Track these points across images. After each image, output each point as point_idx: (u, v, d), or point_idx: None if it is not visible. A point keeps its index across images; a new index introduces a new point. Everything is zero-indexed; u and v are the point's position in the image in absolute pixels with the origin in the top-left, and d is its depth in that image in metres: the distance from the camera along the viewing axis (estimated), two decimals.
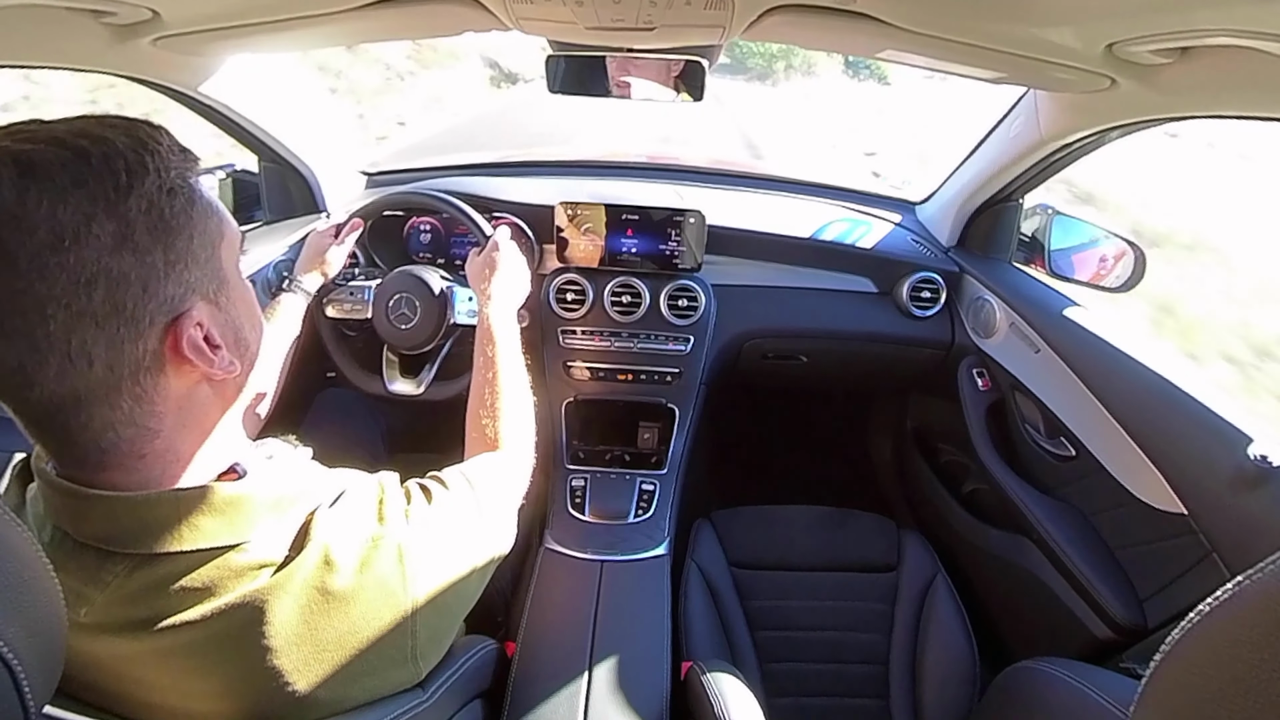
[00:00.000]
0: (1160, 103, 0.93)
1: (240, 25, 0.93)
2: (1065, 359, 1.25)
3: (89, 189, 0.46)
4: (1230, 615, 0.39)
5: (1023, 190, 1.45)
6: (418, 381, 1.33)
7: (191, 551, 0.52)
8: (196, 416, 0.56)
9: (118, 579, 0.52)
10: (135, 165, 0.48)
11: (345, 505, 0.61)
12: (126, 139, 0.49)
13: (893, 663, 1.26)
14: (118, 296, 0.47)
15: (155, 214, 0.49)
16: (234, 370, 0.56)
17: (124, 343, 0.49)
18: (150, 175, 0.49)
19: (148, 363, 0.50)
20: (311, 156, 1.54)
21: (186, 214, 0.51)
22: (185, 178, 0.52)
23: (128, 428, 0.51)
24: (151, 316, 0.50)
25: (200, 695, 0.53)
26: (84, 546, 0.52)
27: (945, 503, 1.66)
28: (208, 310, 0.54)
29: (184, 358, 0.52)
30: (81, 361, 0.47)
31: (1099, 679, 0.76)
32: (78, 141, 0.47)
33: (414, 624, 0.61)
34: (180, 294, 0.51)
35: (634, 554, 1.22)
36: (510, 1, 0.81)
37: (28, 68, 0.92)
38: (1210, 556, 0.99)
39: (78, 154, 0.46)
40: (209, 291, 0.54)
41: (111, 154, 0.47)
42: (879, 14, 0.77)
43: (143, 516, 0.52)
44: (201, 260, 0.53)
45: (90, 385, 0.48)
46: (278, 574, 0.54)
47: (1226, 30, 0.65)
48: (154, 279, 0.49)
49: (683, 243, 1.48)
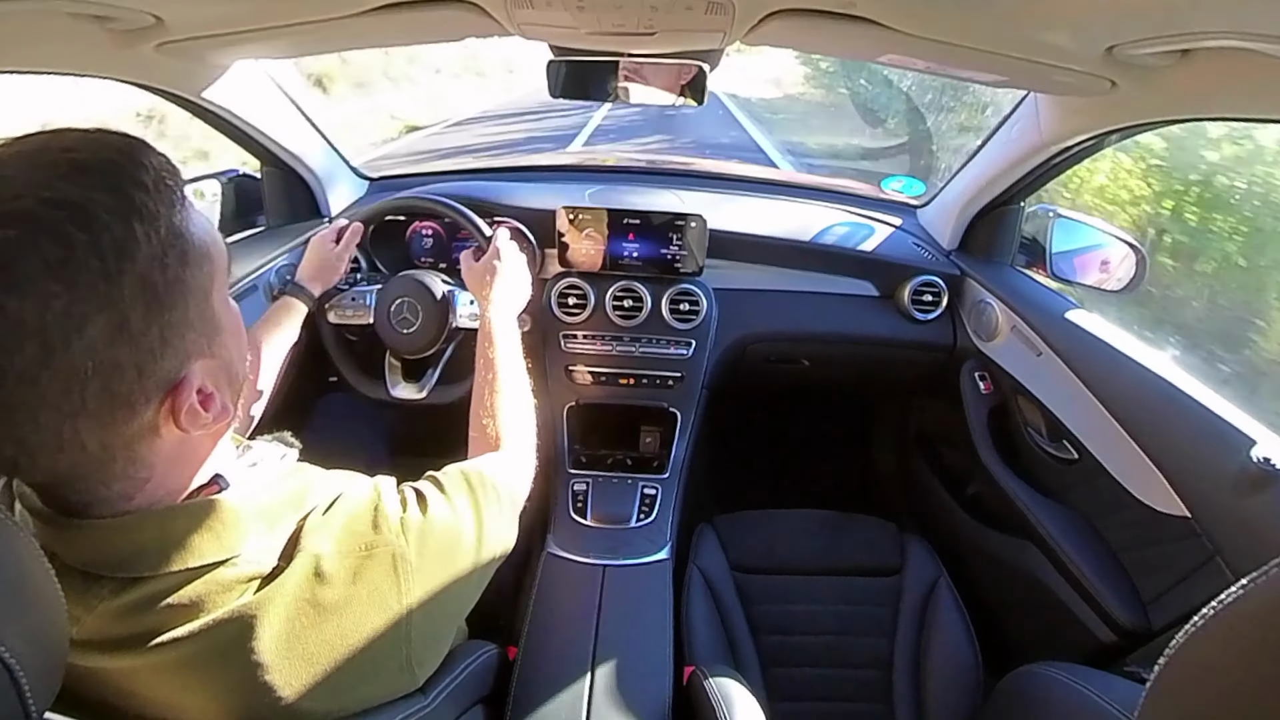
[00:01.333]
0: (1161, 105, 0.94)
1: (242, 31, 0.94)
2: (1067, 362, 1.25)
3: (77, 286, 0.42)
4: (1235, 618, 0.39)
5: (1024, 193, 1.45)
6: (420, 386, 1.33)
7: (179, 571, 0.52)
8: (187, 455, 0.55)
9: (104, 601, 0.51)
10: (124, 240, 0.44)
11: (339, 512, 0.60)
12: (109, 198, 0.44)
13: (896, 667, 1.26)
14: (113, 387, 0.45)
15: (150, 292, 0.46)
16: (227, 415, 0.55)
17: (119, 424, 0.47)
18: (141, 247, 0.45)
19: (142, 433, 0.49)
20: (314, 160, 1.54)
21: (180, 280, 0.48)
22: (174, 226, 0.48)
23: (120, 482, 0.51)
24: (148, 395, 0.48)
25: (192, 709, 0.53)
26: (70, 569, 0.51)
27: (948, 506, 1.65)
28: (203, 365, 0.52)
29: (180, 423, 0.50)
30: (73, 448, 0.46)
31: (1103, 683, 0.75)
32: (56, 218, 0.42)
33: (409, 632, 0.60)
34: (176, 365, 0.49)
35: (636, 558, 1.22)
36: (512, 7, 0.81)
37: (31, 73, 0.93)
38: (1214, 559, 0.99)
39: (58, 238, 0.41)
40: (204, 348, 0.52)
41: (97, 232, 0.43)
42: (880, 18, 0.77)
43: (128, 541, 0.51)
44: (195, 321, 0.50)
45: (84, 463, 0.48)
46: (266, 586, 0.53)
47: (1227, 32, 0.65)
48: (149, 361, 0.47)
49: (684, 247, 1.48)
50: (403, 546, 0.60)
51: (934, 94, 7.99)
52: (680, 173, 1.95)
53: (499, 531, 0.75)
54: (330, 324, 1.33)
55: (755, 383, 1.74)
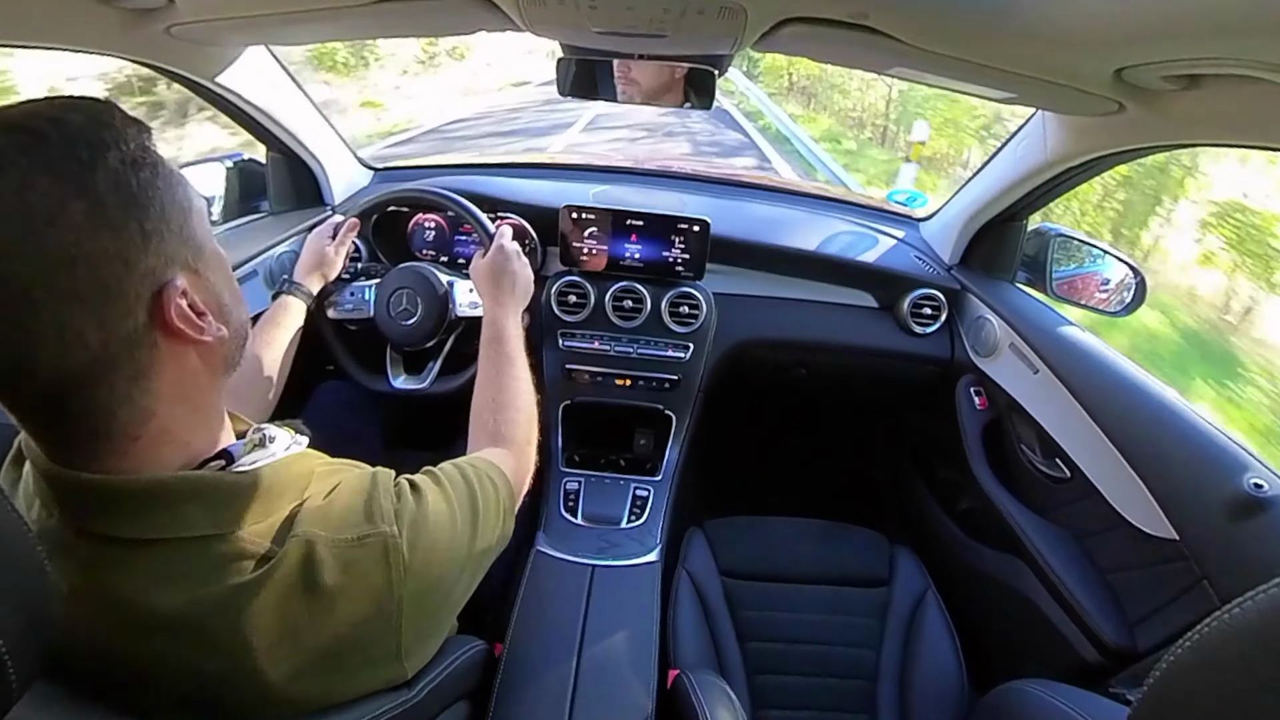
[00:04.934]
0: (1168, 129, 0.94)
1: (253, 16, 0.93)
2: (1063, 381, 1.25)
3: (53, 171, 0.46)
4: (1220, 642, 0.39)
5: (1027, 210, 1.45)
6: (422, 377, 1.33)
7: (173, 539, 0.53)
8: (189, 391, 0.56)
9: (99, 561, 0.52)
10: (95, 142, 0.48)
11: (335, 500, 0.61)
12: (80, 117, 0.49)
13: (881, 678, 1.26)
14: (100, 275, 0.47)
15: (124, 187, 0.49)
16: (222, 335, 0.57)
17: (114, 320, 0.49)
18: (111, 149, 0.49)
19: (139, 337, 0.51)
20: (320, 149, 1.54)
21: (153, 184, 0.51)
22: (145, 148, 0.52)
23: (124, 407, 0.51)
24: (136, 291, 0.50)
25: (182, 685, 0.53)
26: (68, 528, 0.52)
27: (939, 519, 1.66)
28: (189, 279, 0.54)
29: (173, 328, 0.52)
30: (75, 343, 0.47)
31: (1086, 702, 0.76)
32: (34, 124, 0.47)
33: (399, 623, 0.60)
34: (160, 265, 0.51)
35: (625, 559, 1.22)
36: (524, 3, 0.81)
37: (42, 49, 0.92)
38: (1201, 583, 0.99)
39: (36, 137, 0.46)
40: (187, 260, 0.54)
41: (70, 133, 0.47)
42: (892, 31, 0.77)
43: (127, 502, 0.52)
44: (176, 229, 0.53)
45: (87, 366, 0.48)
46: (259, 568, 0.54)
47: (1236, 60, 0.65)
48: (133, 252, 0.49)
49: (686, 250, 1.48)
50: (395, 537, 0.60)
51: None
52: (685, 176, 1.95)
53: (494, 528, 0.75)
54: (330, 319, 1.33)
55: (751, 388, 1.74)
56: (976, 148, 8.20)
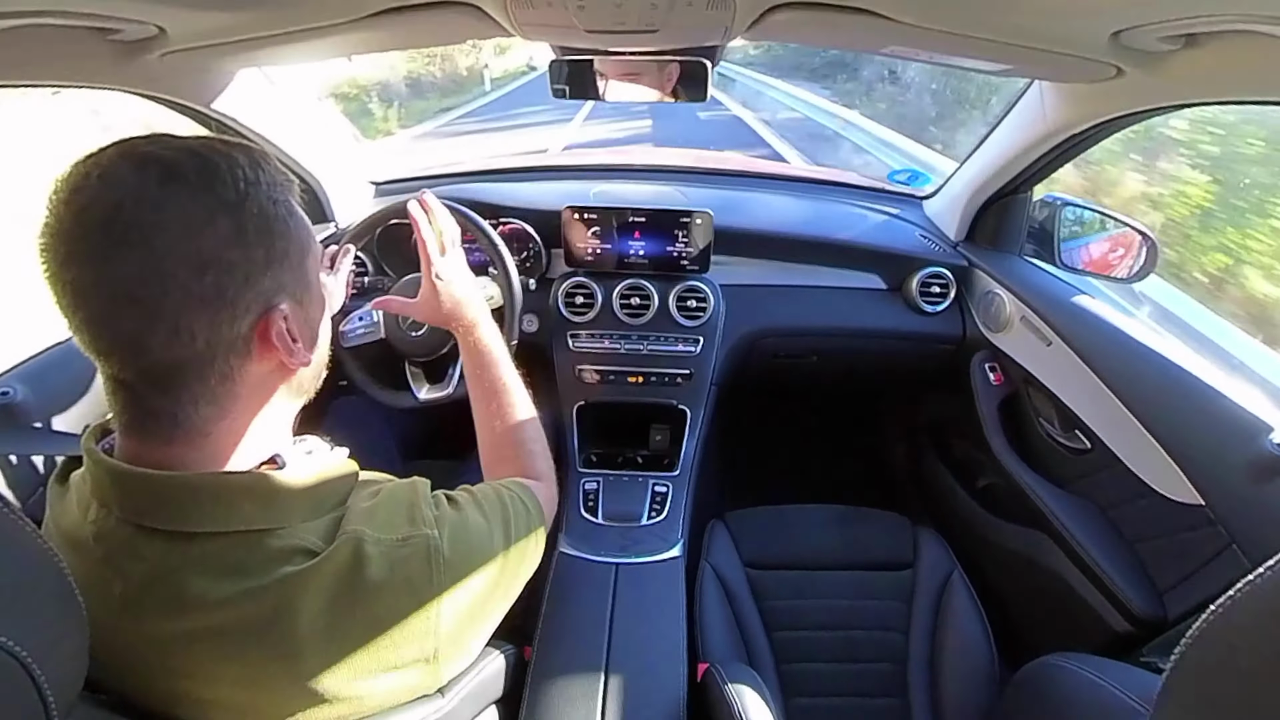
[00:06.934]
0: (1168, 90, 0.93)
1: (245, 39, 0.94)
2: (1077, 351, 1.24)
3: (215, 192, 0.53)
4: (1252, 606, 0.39)
5: (1031, 182, 1.44)
6: (445, 384, 1.33)
7: (227, 533, 0.55)
8: (264, 401, 0.61)
9: (155, 554, 0.54)
10: (251, 176, 0.55)
11: (380, 504, 0.64)
12: (244, 156, 0.56)
13: (911, 661, 1.26)
14: (224, 283, 0.53)
15: (263, 218, 0.56)
16: (307, 362, 0.62)
17: (223, 324, 0.54)
18: (262, 187, 0.56)
19: (239, 346, 0.56)
20: (318, 167, 1.55)
21: (286, 223, 0.58)
22: (287, 194, 0.60)
23: (208, 404, 0.56)
24: (249, 305, 0.55)
25: (225, 681, 0.55)
26: (124, 523, 0.55)
27: (960, 498, 1.65)
28: (293, 308, 0.59)
29: (269, 345, 0.57)
30: (186, 335, 0.52)
31: (1119, 673, 0.75)
32: (207, 153, 0.54)
33: (438, 625, 0.62)
34: (273, 289, 0.57)
35: (648, 556, 1.22)
36: (513, 7, 0.81)
37: (40, 86, 0.93)
38: (1230, 548, 0.98)
39: (208, 163, 0.53)
40: (295, 292, 0.60)
41: (234, 165, 0.55)
42: (883, 9, 0.77)
43: (183, 495, 0.55)
44: (293, 264, 0.59)
45: (189, 358, 0.54)
46: (309, 563, 0.56)
47: (1234, 15, 0.64)
48: (255, 273, 0.55)
49: (690, 243, 1.48)
50: (437, 540, 0.64)
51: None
52: (685, 170, 1.95)
53: (527, 548, 0.78)
54: (345, 349, 1.34)
55: (764, 378, 1.73)
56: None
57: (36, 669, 0.38)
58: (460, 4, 0.82)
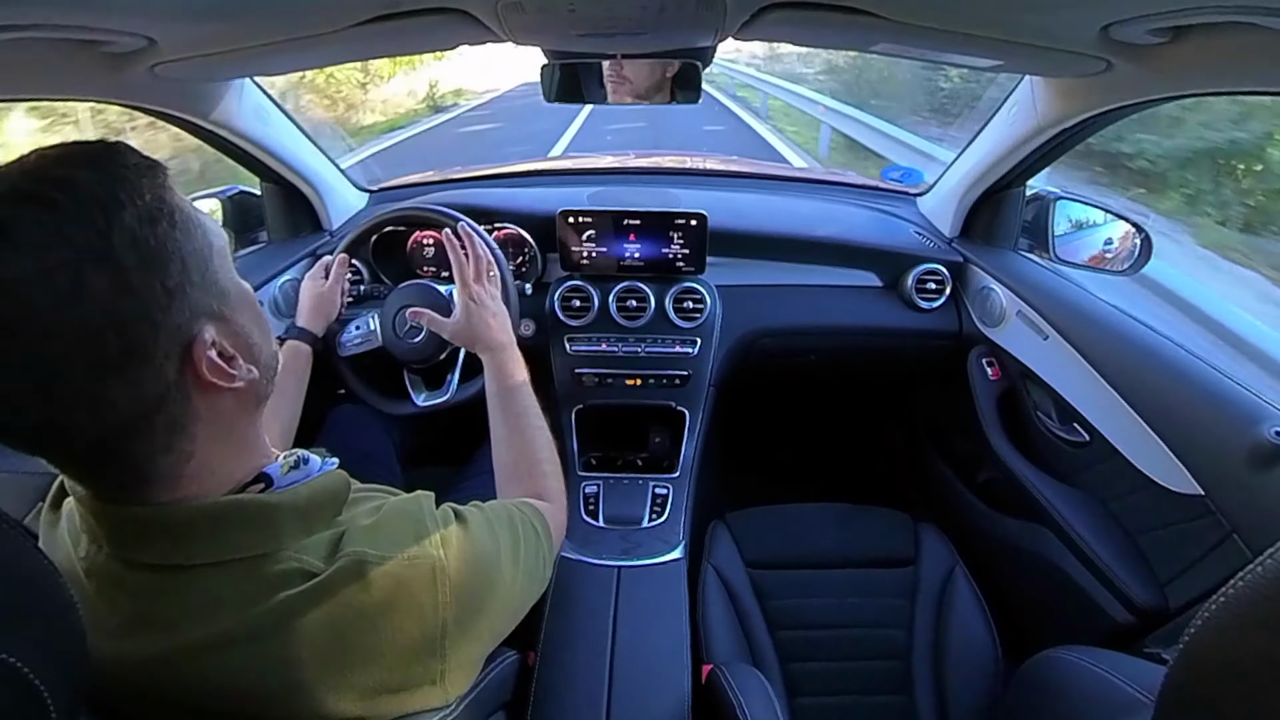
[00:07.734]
0: (1157, 83, 0.93)
1: (236, 49, 0.94)
2: (1074, 344, 1.25)
3: (71, 244, 0.44)
4: (1254, 595, 0.39)
5: (1024, 177, 1.45)
6: (444, 390, 1.32)
7: (222, 563, 0.53)
8: (225, 429, 0.56)
9: (148, 590, 0.53)
10: (109, 201, 0.46)
11: (383, 521, 0.61)
12: (90, 174, 0.47)
13: (915, 657, 1.26)
14: (126, 340, 0.46)
15: (142, 246, 0.47)
16: (253, 376, 0.56)
17: (144, 381, 0.48)
18: (127, 208, 0.47)
19: (171, 394, 0.50)
20: (313, 176, 1.55)
21: (171, 237, 0.49)
22: (160, 198, 0.50)
23: (164, 454, 0.52)
24: (165, 350, 0.49)
25: (228, 697, 0.53)
26: (115, 559, 0.53)
27: (960, 494, 1.65)
28: (216, 326, 0.53)
29: (205, 382, 0.52)
30: (107, 409, 0.47)
31: (1122, 665, 0.75)
32: (44, 191, 0.45)
33: (444, 647, 0.60)
34: (186, 320, 0.50)
35: (650, 558, 1.22)
36: (503, 13, 0.81)
37: (31, 100, 0.93)
38: (1230, 538, 0.98)
39: (47, 206, 0.44)
40: (213, 308, 0.53)
41: (82, 197, 0.45)
42: (873, 8, 0.77)
43: (173, 530, 0.53)
44: (198, 280, 0.51)
45: (121, 426, 0.48)
46: (309, 584, 0.54)
47: (1223, 6, 0.64)
48: (158, 314, 0.48)
49: (686, 245, 1.48)
50: (442, 559, 0.61)
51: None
52: (679, 171, 1.95)
53: (535, 572, 0.77)
54: (343, 359, 1.33)
55: (762, 378, 1.74)
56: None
57: (39, 683, 0.38)
58: (451, 11, 0.82)
